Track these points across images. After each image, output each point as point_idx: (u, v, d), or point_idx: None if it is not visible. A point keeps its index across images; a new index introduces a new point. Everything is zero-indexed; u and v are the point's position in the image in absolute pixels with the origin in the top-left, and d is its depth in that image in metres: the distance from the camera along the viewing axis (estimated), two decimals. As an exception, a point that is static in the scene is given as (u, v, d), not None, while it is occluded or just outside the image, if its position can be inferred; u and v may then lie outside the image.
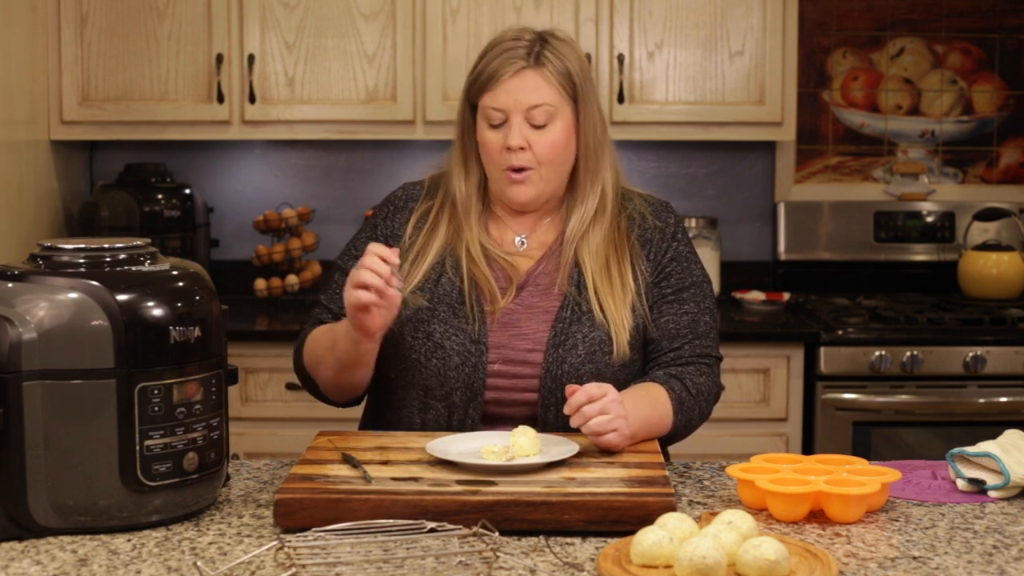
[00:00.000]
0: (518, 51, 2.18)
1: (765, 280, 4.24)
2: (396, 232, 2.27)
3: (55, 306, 1.72)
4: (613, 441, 1.97)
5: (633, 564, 1.57)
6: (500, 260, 2.23)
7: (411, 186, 2.34)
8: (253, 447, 3.57)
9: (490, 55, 2.20)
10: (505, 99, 2.16)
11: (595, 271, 2.20)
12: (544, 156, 2.18)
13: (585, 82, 2.21)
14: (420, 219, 2.27)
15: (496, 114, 2.18)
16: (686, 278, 2.25)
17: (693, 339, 2.21)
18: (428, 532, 1.67)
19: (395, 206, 2.31)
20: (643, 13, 3.82)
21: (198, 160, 4.18)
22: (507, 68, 2.17)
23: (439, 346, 2.16)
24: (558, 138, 2.18)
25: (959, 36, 4.23)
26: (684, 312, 2.22)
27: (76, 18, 3.77)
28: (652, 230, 2.26)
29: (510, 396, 2.17)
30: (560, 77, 2.17)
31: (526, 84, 2.16)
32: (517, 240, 2.27)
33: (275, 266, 4.02)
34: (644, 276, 2.23)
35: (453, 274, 2.21)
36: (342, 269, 2.27)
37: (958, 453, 2.01)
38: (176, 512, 1.80)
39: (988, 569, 1.63)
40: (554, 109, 2.17)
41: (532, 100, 2.16)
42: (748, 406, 3.65)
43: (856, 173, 4.27)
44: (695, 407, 2.18)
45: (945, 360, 3.62)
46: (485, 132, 2.20)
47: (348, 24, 3.80)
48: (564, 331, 2.17)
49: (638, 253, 2.24)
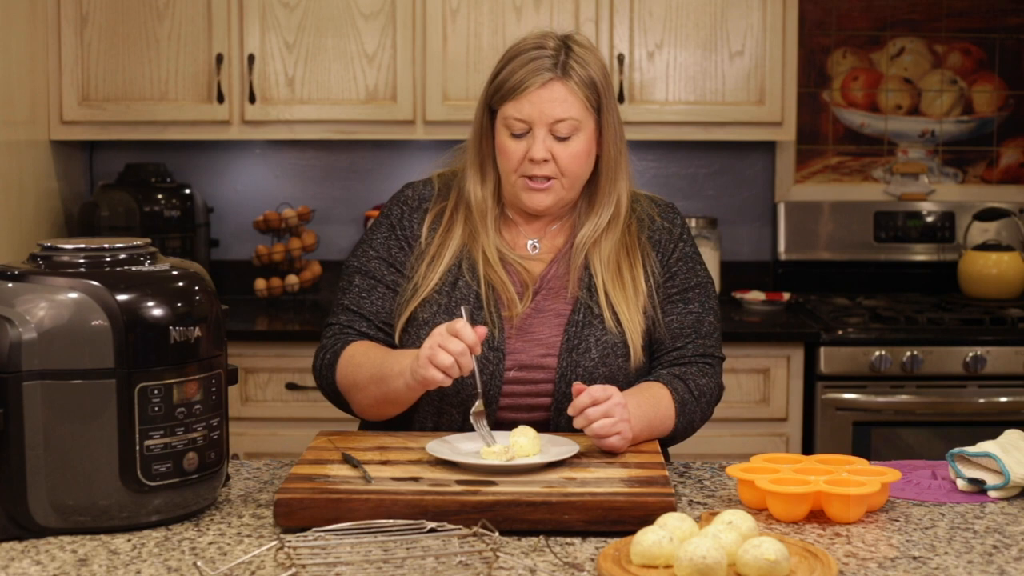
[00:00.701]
0: (544, 61, 2.14)
1: (765, 280, 4.24)
2: (415, 233, 2.24)
3: (55, 306, 1.72)
4: (616, 444, 1.97)
5: (633, 564, 1.57)
6: (515, 264, 2.22)
7: (419, 186, 2.30)
8: (253, 447, 3.57)
9: (515, 63, 2.16)
10: (531, 111, 2.14)
11: (607, 278, 2.19)
12: (566, 167, 2.16)
13: (608, 90, 2.19)
14: (435, 220, 2.25)
15: (519, 124, 2.15)
16: (691, 278, 2.25)
17: (697, 339, 2.21)
18: (428, 532, 1.67)
19: (409, 207, 2.27)
20: (643, 13, 3.82)
21: (198, 160, 4.18)
22: (534, 79, 2.13)
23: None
24: (580, 150, 2.16)
25: (959, 36, 4.23)
26: (689, 312, 2.22)
27: (76, 18, 3.77)
28: (660, 231, 2.26)
29: (525, 401, 2.16)
30: (585, 89, 2.15)
31: (553, 96, 2.13)
32: (529, 244, 2.26)
33: (275, 266, 4.02)
34: (656, 276, 2.22)
35: (470, 277, 2.19)
36: (362, 271, 2.23)
37: (958, 453, 2.01)
38: (176, 512, 1.80)
39: (988, 569, 1.63)
40: (578, 123, 2.15)
41: (558, 114, 2.14)
42: (748, 406, 3.65)
43: (856, 173, 4.27)
44: (697, 409, 2.18)
45: (945, 360, 3.62)
46: (506, 140, 2.17)
47: (348, 24, 3.80)
48: (577, 335, 2.17)
49: (649, 253, 2.24)
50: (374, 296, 2.22)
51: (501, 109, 2.17)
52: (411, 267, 2.22)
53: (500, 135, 2.18)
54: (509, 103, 2.15)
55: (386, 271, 2.22)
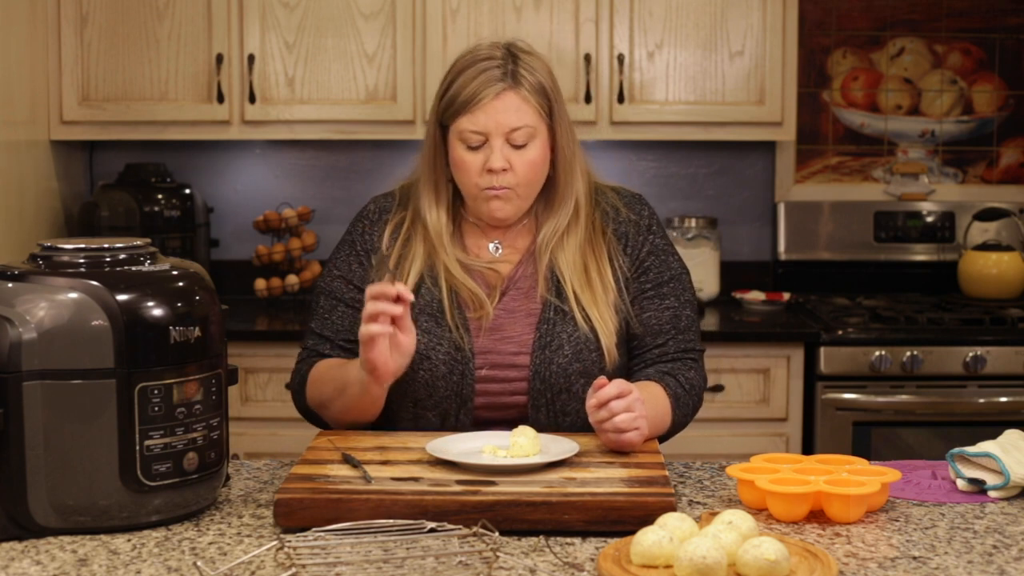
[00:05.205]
0: (494, 72, 2.15)
1: (765, 280, 4.24)
2: (375, 245, 2.27)
3: (55, 306, 1.72)
4: (634, 440, 1.97)
5: (633, 564, 1.58)
6: (480, 269, 2.23)
7: (381, 199, 2.33)
8: (253, 447, 3.57)
9: (464, 77, 2.16)
10: (486, 122, 2.15)
11: (575, 281, 2.20)
12: (524, 176, 2.18)
13: (557, 94, 2.21)
14: (395, 229, 2.27)
15: (476, 137, 2.16)
16: (665, 272, 2.25)
17: (676, 334, 2.23)
18: (428, 532, 1.67)
19: (370, 220, 2.30)
20: (643, 13, 3.82)
21: (198, 160, 4.18)
22: (487, 90, 2.15)
23: (425, 357, 2.15)
24: (536, 157, 2.18)
25: (959, 36, 4.23)
26: (666, 307, 2.23)
27: (76, 18, 3.77)
28: (627, 223, 2.27)
29: (500, 400, 2.17)
30: (537, 96, 2.17)
31: (508, 106, 2.15)
32: (491, 247, 2.27)
33: (275, 266, 4.02)
34: (623, 270, 2.24)
35: (432, 285, 2.21)
36: (326, 292, 2.27)
37: (958, 453, 2.01)
38: (176, 512, 1.80)
39: (988, 569, 1.63)
40: (533, 129, 2.17)
41: (513, 123, 2.15)
42: (748, 406, 3.65)
43: (856, 173, 4.27)
44: (689, 403, 2.20)
45: (945, 360, 3.62)
46: (463, 153, 2.18)
47: (348, 24, 3.80)
48: (549, 332, 2.18)
49: (615, 247, 2.25)
50: (335, 316, 2.25)
51: (455, 124, 2.18)
52: (372, 280, 2.23)
53: (456, 150, 2.19)
54: (463, 117, 2.16)
55: (346, 289, 2.26)
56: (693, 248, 4.04)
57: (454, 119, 2.17)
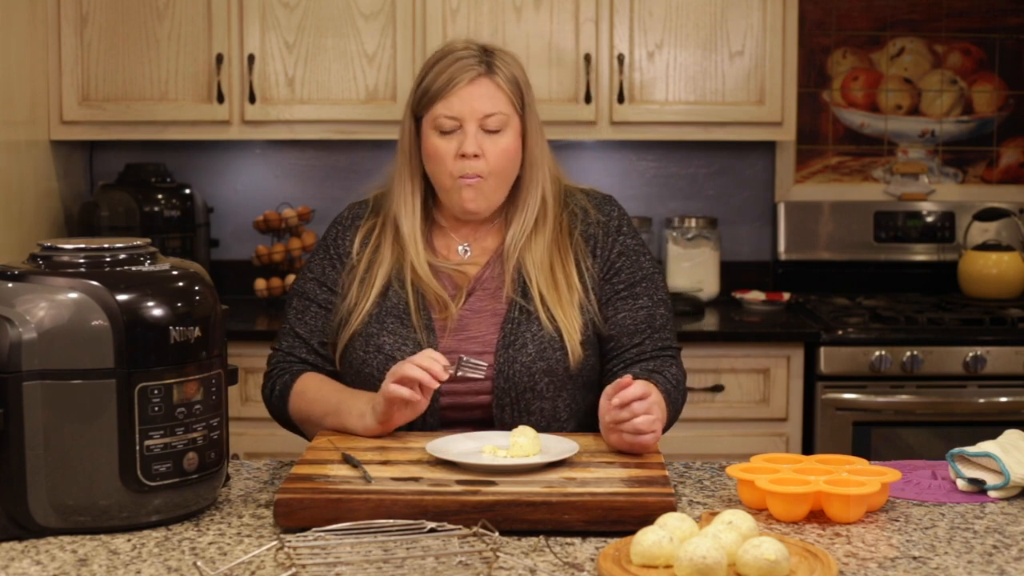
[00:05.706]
0: (469, 60, 2.19)
1: (765, 280, 4.24)
2: (347, 250, 2.29)
3: (55, 306, 1.72)
4: (649, 443, 1.97)
5: (633, 564, 1.58)
6: (448, 271, 2.25)
7: (356, 206, 2.36)
8: (253, 447, 3.57)
9: (440, 66, 2.20)
10: (460, 107, 2.18)
11: (541, 282, 2.21)
12: (496, 164, 2.20)
13: (529, 91, 2.25)
14: (366, 236, 2.29)
15: (449, 122, 2.18)
16: (636, 272, 2.26)
17: (652, 333, 2.24)
18: (428, 532, 1.67)
19: (344, 225, 2.32)
20: (643, 13, 3.82)
21: (198, 160, 4.18)
22: (462, 76, 2.18)
23: (390, 358, 2.16)
24: (509, 146, 2.20)
25: (959, 36, 4.23)
26: (639, 307, 2.24)
27: (76, 18, 3.77)
28: (595, 225, 2.28)
29: (465, 400, 2.18)
30: (510, 85, 2.21)
31: (482, 92, 2.18)
32: (460, 249, 2.29)
33: (275, 266, 4.02)
34: (590, 272, 2.25)
35: (399, 287, 2.23)
36: (300, 293, 2.29)
37: (958, 453, 2.01)
38: (176, 512, 1.80)
39: (988, 569, 1.63)
40: (506, 117, 2.20)
41: (487, 108, 2.18)
42: (748, 406, 3.65)
43: (856, 173, 4.27)
44: (678, 399, 2.22)
45: (945, 360, 3.62)
46: (436, 140, 2.20)
47: (348, 24, 3.80)
48: (513, 331, 2.18)
49: (582, 249, 2.26)
50: (307, 316, 2.27)
51: (429, 111, 2.20)
52: (343, 284, 2.26)
53: (429, 138, 2.21)
54: (438, 103, 2.19)
55: (319, 291, 2.28)
56: (693, 248, 4.04)
57: (429, 107, 2.20)
